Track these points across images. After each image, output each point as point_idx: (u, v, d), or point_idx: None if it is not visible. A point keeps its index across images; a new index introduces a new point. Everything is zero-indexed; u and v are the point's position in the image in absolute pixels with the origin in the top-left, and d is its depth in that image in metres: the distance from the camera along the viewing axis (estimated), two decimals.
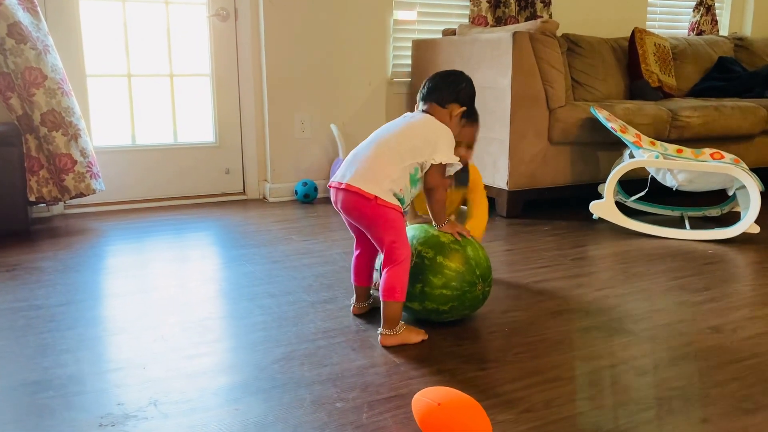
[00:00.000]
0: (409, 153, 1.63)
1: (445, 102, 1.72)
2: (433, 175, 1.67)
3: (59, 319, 1.82)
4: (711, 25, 4.63)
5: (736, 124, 3.39)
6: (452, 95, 1.73)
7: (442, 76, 1.76)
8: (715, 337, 1.72)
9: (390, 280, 1.63)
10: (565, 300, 2.00)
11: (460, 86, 1.74)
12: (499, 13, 3.82)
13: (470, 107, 1.77)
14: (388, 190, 1.61)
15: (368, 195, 1.59)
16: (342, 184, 1.64)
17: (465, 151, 1.87)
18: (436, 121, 1.70)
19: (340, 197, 1.66)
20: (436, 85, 1.75)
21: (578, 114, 3.03)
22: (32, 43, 2.72)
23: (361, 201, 1.61)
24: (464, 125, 1.80)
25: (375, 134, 1.73)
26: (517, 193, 3.06)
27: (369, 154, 1.66)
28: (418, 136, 1.67)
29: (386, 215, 1.61)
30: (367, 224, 1.65)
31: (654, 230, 2.77)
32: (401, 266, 1.62)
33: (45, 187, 2.85)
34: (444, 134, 1.68)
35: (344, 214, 1.69)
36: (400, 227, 1.64)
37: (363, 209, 1.62)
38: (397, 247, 1.62)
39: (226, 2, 3.37)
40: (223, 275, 2.25)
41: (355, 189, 1.61)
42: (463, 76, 1.77)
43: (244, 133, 3.53)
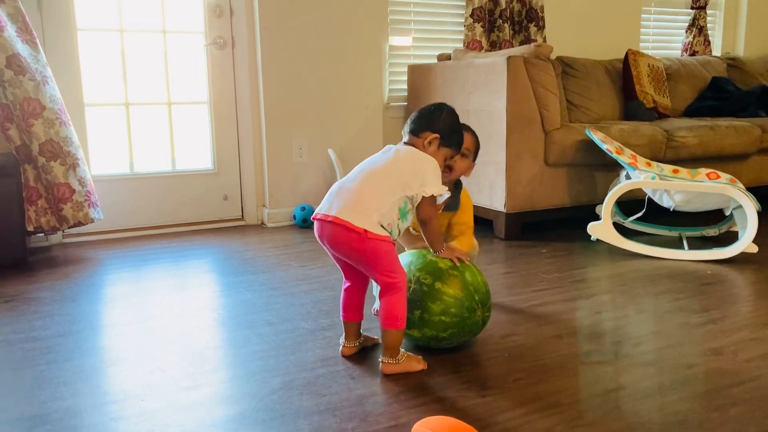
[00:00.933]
0: (398, 187, 1.61)
1: (419, 131, 1.71)
2: (425, 208, 1.66)
3: (57, 351, 1.82)
4: (704, 45, 4.68)
5: (731, 144, 3.41)
6: (426, 124, 1.70)
7: (422, 109, 1.75)
8: (716, 360, 1.71)
9: (389, 308, 1.61)
10: (565, 323, 1.99)
11: (434, 115, 1.72)
12: (493, 38, 3.87)
13: (446, 134, 1.71)
14: (377, 222, 1.58)
15: (357, 229, 1.55)
16: (329, 216, 1.60)
17: (449, 174, 1.88)
18: (420, 153, 1.68)
19: (327, 230, 1.61)
20: (415, 118, 1.74)
21: (574, 136, 3.05)
22: (31, 75, 2.74)
23: (350, 235, 1.57)
24: (451, 155, 1.75)
25: (360, 167, 1.69)
26: (515, 216, 3.06)
27: (356, 187, 1.63)
28: (405, 169, 1.64)
29: (377, 248, 1.58)
30: (358, 258, 1.61)
31: (652, 251, 2.77)
32: (400, 293, 1.61)
33: (43, 216, 2.85)
34: (430, 165, 1.66)
35: (330, 248, 1.65)
36: (392, 257, 1.61)
37: (352, 243, 1.58)
38: (393, 276, 1.60)
39: (223, 31, 3.41)
40: (221, 303, 2.25)
41: (344, 222, 1.57)
42: (442, 106, 1.75)
43: (242, 159, 3.54)
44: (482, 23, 3.77)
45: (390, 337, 1.62)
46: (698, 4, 4.61)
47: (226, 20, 3.41)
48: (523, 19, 3.94)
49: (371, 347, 1.80)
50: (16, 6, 2.75)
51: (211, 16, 3.37)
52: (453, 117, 1.75)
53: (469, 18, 3.77)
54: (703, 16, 4.65)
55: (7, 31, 2.69)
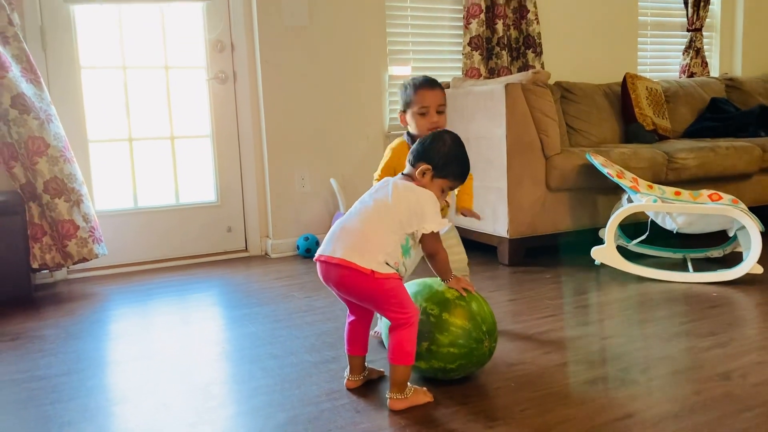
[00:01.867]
0: (398, 225, 1.60)
1: (415, 162, 1.70)
2: (428, 243, 1.65)
3: (61, 390, 1.81)
4: (701, 67, 4.72)
5: (732, 164, 3.41)
6: (421, 155, 1.70)
7: (424, 137, 1.75)
8: (724, 385, 1.69)
9: (400, 343, 1.59)
10: (571, 350, 1.98)
11: (431, 145, 1.70)
12: (491, 65, 3.90)
13: (440, 165, 1.69)
14: (383, 261, 1.57)
15: (365, 270, 1.54)
16: (333, 258, 1.59)
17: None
18: (416, 187, 1.65)
19: (333, 273, 1.59)
20: (413, 149, 1.74)
21: (574, 160, 3.06)
22: (35, 113, 2.77)
23: (357, 277, 1.55)
24: (449, 186, 1.73)
25: (361, 205, 1.67)
26: (518, 241, 3.06)
27: (359, 227, 1.61)
28: (402, 208, 1.61)
29: (385, 287, 1.57)
30: (367, 299, 1.61)
31: (657, 274, 2.76)
32: (411, 328, 1.59)
33: (48, 253, 2.86)
34: (426, 200, 1.63)
35: (337, 290, 1.64)
36: (402, 294, 1.60)
37: (360, 285, 1.57)
38: (405, 312, 1.58)
39: (225, 65, 3.46)
40: (225, 337, 2.24)
41: (350, 264, 1.55)
42: (442, 135, 1.73)
43: (245, 190, 3.56)
44: (480, 51, 3.81)
45: (399, 372, 1.60)
46: (694, 26, 4.66)
47: (228, 55, 3.45)
48: (521, 46, 3.98)
49: (376, 380, 1.79)
50: (21, 47, 2.80)
51: (213, 51, 3.42)
52: (451, 146, 1.70)
53: (467, 46, 3.82)
54: (700, 38, 4.69)
55: (12, 72, 2.73)
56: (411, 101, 1.97)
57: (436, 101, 1.95)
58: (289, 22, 3.42)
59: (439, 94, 1.96)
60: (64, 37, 3.12)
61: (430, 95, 1.95)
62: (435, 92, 1.96)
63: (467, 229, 3.31)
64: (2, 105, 2.73)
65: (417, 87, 1.96)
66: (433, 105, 1.95)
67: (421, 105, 1.94)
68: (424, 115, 1.95)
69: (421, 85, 1.96)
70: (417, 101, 1.95)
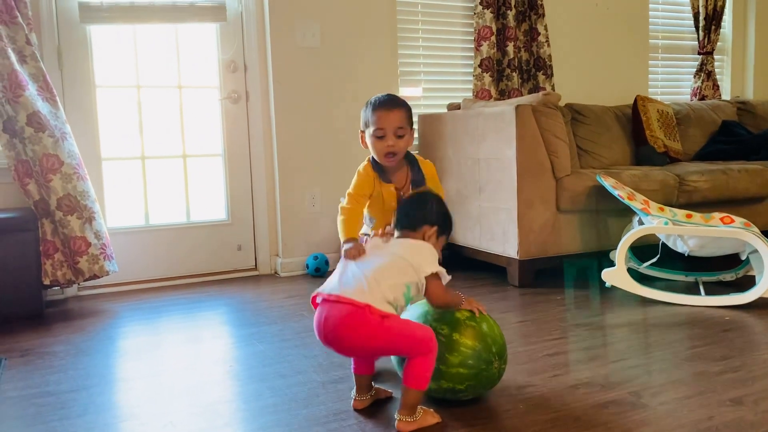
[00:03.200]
0: (397, 272, 1.60)
1: (417, 226, 1.71)
2: (435, 292, 1.65)
3: (70, 406, 1.81)
4: (713, 90, 4.72)
5: (744, 187, 3.39)
6: (421, 218, 1.72)
7: (410, 203, 1.76)
8: (737, 410, 1.67)
9: (418, 369, 1.57)
10: (581, 373, 1.96)
11: (426, 207, 1.73)
12: (502, 86, 3.92)
13: (442, 224, 1.74)
14: (382, 300, 1.55)
15: (360, 304, 1.52)
16: (331, 295, 1.58)
17: None
18: (415, 241, 1.69)
19: (328, 316, 1.56)
20: (406, 213, 1.74)
21: (585, 182, 3.05)
22: (50, 131, 2.81)
23: (354, 316, 1.53)
24: (445, 239, 1.78)
25: (358, 267, 1.65)
26: (529, 262, 3.05)
27: (359, 274, 1.61)
28: (403, 263, 1.63)
29: (384, 325, 1.53)
30: (373, 348, 1.58)
31: (668, 297, 2.73)
32: (431, 355, 1.58)
33: (60, 270, 2.88)
34: (424, 250, 1.67)
35: (337, 346, 1.58)
36: (406, 329, 1.57)
37: (357, 329, 1.53)
38: (419, 343, 1.56)
39: (238, 85, 3.49)
40: (233, 355, 2.24)
41: (347, 300, 1.54)
42: (429, 195, 1.76)
43: (255, 209, 3.58)
44: (491, 73, 3.83)
45: (412, 396, 1.59)
46: (705, 49, 4.67)
47: (240, 75, 3.49)
48: (531, 68, 4.01)
49: (384, 400, 1.78)
50: (38, 66, 2.85)
51: (226, 72, 3.46)
52: (443, 205, 1.78)
53: (478, 68, 3.84)
54: (711, 61, 4.69)
55: (29, 90, 2.78)
56: (368, 122, 1.87)
57: (395, 124, 1.83)
58: (301, 43, 3.46)
59: (398, 117, 1.84)
60: (80, 57, 3.18)
61: (387, 118, 1.82)
62: (394, 114, 1.83)
63: (477, 250, 3.31)
64: (18, 123, 2.77)
65: (375, 107, 1.85)
66: (390, 128, 1.82)
67: (377, 127, 1.83)
68: (381, 138, 1.84)
69: (380, 105, 1.84)
70: (373, 123, 1.84)
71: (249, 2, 3.42)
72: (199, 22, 3.37)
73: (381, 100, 1.87)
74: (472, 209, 3.28)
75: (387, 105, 1.85)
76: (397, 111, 1.84)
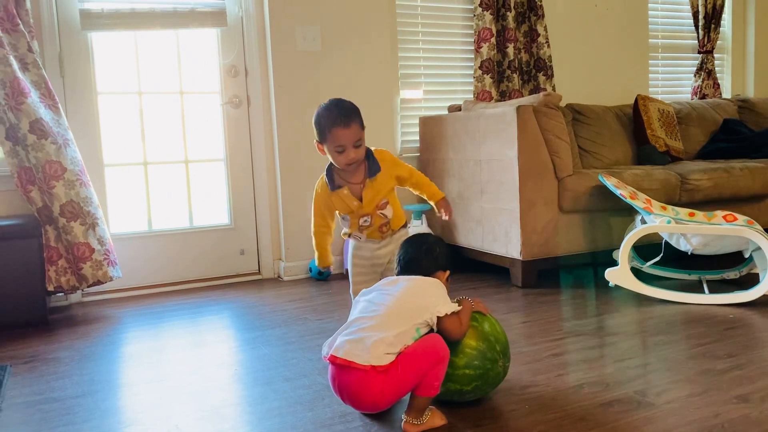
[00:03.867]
0: (408, 316, 1.61)
1: (430, 273, 1.75)
2: (452, 330, 1.64)
3: (75, 412, 1.81)
4: (713, 88, 4.72)
5: (746, 185, 3.39)
6: (433, 265, 1.76)
7: (416, 248, 1.79)
8: (743, 408, 1.67)
9: (430, 378, 1.56)
10: (586, 372, 1.96)
11: (435, 254, 1.77)
12: (503, 88, 3.93)
13: (451, 267, 1.81)
14: (385, 353, 1.54)
15: (364, 367, 1.52)
16: (337, 358, 1.56)
17: None
18: (425, 279, 1.72)
19: (339, 379, 1.58)
20: (414, 259, 1.77)
21: (587, 182, 3.05)
22: (53, 138, 2.82)
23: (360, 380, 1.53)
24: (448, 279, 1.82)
25: (369, 302, 1.67)
26: (532, 263, 3.05)
27: (368, 323, 1.60)
28: (415, 303, 1.64)
29: (390, 373, 1.53)
30: (392, 397, 1.57)
31: (672, 296, 2.73)
32: (443, 363, 1.58)
33: (63, 276, 2.89)
34: (438, 289, 1.70)
35: (351, 404, 1.61)
36: (413, 358, 1.55)
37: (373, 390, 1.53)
38: (429, 359, 1.55)
39: (239, 90, 3.50)
40: (238, 359, 2.24)
41: (351, 363, 1.53)
42: (431, 240, 1.80)
43: (258, 213, 3.59)
44: (491, 74, 3.84)
45: (421, 401, 1.59)
46: (705, 48, 4.67)
47: (241, 80, 3.50)
48: (532, 69, 4.01)
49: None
50: (40, 73, 2.86)
51: (227, 77, 3.47)
52: (443, 245, 1.83)
53: (479, 69, 3.85)
54: (711, 60, 4.70)
55: (31, 98, 2.79)
56: (326, 137, 1.95)
57: (353, 138, 1.92)
58: (302, 47, 3.47)
59: (354, 130, 1.92)
60: (81, 64, 3.19)
61: (346, 134, 1.92)
62: (350, 131, 1.92)
63: (480, 251, 3.31)
64: (21, 130, 2.78)
65: (331, 125, 1.92)
66: (349, 143, 1.93)
67: (336, 144, 1.93)
68: (342, 152, 1.94)
69: (335, 122, 1.92)
70: (332, 140, 1.93)
71: (249, 7, 3.43)
72: (200, 27, 3.38)
73: (336, 118, 1.93)
74: (474, 211, 3.28)
75: (342, 121, 1.93)
76: (353, 125, 1.94)
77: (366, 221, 2.06)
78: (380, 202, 2.05)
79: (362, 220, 2.06)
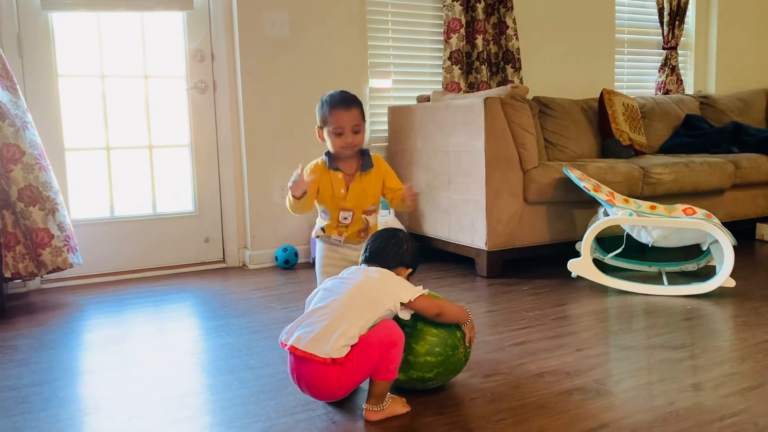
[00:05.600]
0: (371, 309, 1.59)
1: (392, 267, 1.74)
2: (424, 308, 1.65)
3: (32, 401, 1.78)
4: (676, 84, 4.81)
5: (705, 180, 3.47)
6: (398, 260, 1.75)
7: (385, 240, 1.78)
8: (697, 395, 1.72)
9: (385, 362, 1.56)
10: (547, 361, 1.99)
11: (402, 249, 1.76)
12: (471, 79, 3.94)
13: (415, 266, 1.80)
14: (344, 345, 1.53)
15: (324, 360, 1.52)
16: (297, 350, 1.55)
17: None
18: (383, 272, 1.70)
19: (299, 369, 1.59)
20: (380, 250, 1.76)
21: (552, 174, 3.09)
22: (11, 121, 2.74)
23: (318, 371, 1.54)
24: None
25: (330, 297, 1.64)
26: (496, 253, 3.08)
27: (331, 317, 1.58)
28: (377, 293, 1.63)
29: (347, 362, 1.54)
30: (344, 389, 1.58)
31: (632, 287, 2.79)
32: (397, 347, 1.58)
33: (21, 262, 2.82)
34: (394, 278, 1.69)
35: (308, 392, 1.62)
36: (366, 349, 1.54)
37: (325, 382, 1.55)
38: (383, 346, 1.55)
39: (205, 75, 3.45)
40: (201, 348, 2.22)
41: (311, 356, 1.53)
42: (402, 236, 1.79)
43: (223, 201, 3.55)
44: (460, 66, 3.85)
45: (379, 387, 1.59)
46: (669, 44, 4.75)
47: (208, 65, 3.45)
48: (500, 61, 4.03)
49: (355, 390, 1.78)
50: None
51: (193, 61, 3.42)
52: (413, 243, 1.80)
53: (447, 60, 3.85)
54: (675, 56, 4.78)
55: None
56: (327, 120, 1.99)
57: (352, 122, 1.97)
58: (270, 32, 3.43)
59: (354, 115, 1.98)
60: (41, 45, 3.10)
61: (346, 116, 1.96)
62: (351, 113, 1.97)
63: (445, 241, 3.33)
64: None
65: (332, 107, 1.97)
66: (348, 126, 1.97)
67: (336, 125, 1.97)
68: (340, 135, 1.98)
69: (337, 105, 1.97)
70: (333, 121, 1.97)
71: None
72: (166, 10, 3.31)
73: (339, 100, 1.99)
74: (442, 201, 3.30)
75: (344, 104, 1.98)
76: (354, 109, 1.98)
77: (346, 219, 2.04)
78: (368, 207, 2.05)
79: (342, 216, 2.04)
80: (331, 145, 2.02)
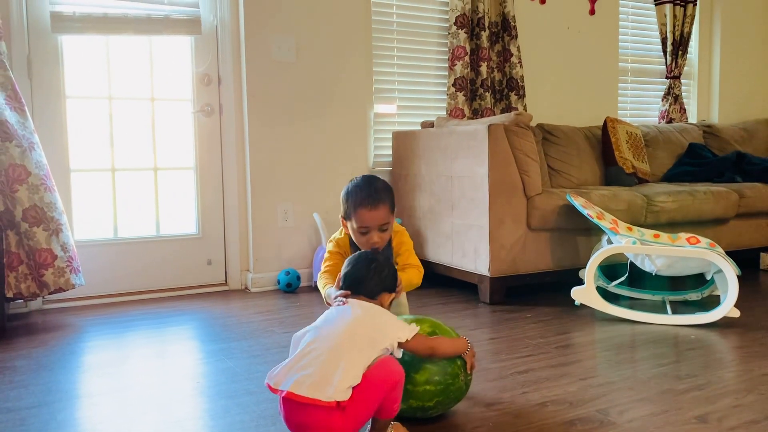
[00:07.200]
0: (368, 349, 1.52)
1: (375, 294, 1.67)
2: (417, 348, 1.61)
3: (30, 423, 1.76)
4: (680, 113, 4.83)
5: (709, 209, 3.47)
6: (379, 286, 1.68)
7: (365, 267, 1.68)
8: (701, 428, 1.69)
9: (387, 402, 1.52)
10: (550, 390, 1.97)
11: (384, 274, 1.69)
12: (475, 106, 3.97)
13: (395, 288, 1.72)
14: (347, 388, 1.44)
15: (329, 404, 1.41)
16: (296, 396, 1.43)
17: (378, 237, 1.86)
18: (371, 308, 1.63)
19: (297, 415, 1.47)
20: (360, 279, 1.67)
21: (555, 201, 3.09)
22: (17, 141, 2.76)
23: (322, 416, 1.44)
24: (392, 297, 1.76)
25: (327, 339, 1.54)
26: (499, 280, 3.07)
27: (325, 355, 1.49)
28: (373, 334, 1.55)
29: (351, 404, 1.45)
30: (359, 426, 1.50)
31: (636, 315, 2.77)
32: (398, 386, 1.53)
33: (23, 282, 2.82)
34: (386, 316, 1.63)
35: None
36: (368, 388, 1.47)
37: (334, 427, 1.44)
38: (386, 385, 1.50)
39: (211, 98, 3.48)
40: (201, 371, 2.21)
41: (314, 401, 1.42)
42: (381, 260, 1.71)
43: (226, 223, 3.55)
44: (464, 92, 3.88)
45: (381, 424, 1.57)
46: (673, 74, 4.78)
47: (214, 88, 3.48)
48: (504, 88, 4.06)
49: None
50: (7, 75, 2.80)
51: (200, 84, 3.45)
52: (391, 265, 1.74)
53: (452, 87, 3.88)
54: (678, 85, 4.81)
55: None
56: (351, 217, 1.86)
57: (378, 222, 1.83)
58: (276, 57, 3.47)
59: (381, 214, 1.83)
60: (50, 67, 3.13)
61: (371, 217, 1.82)
62: (377, 213, 1.82)
63: (448, 267, 3.32)
64: None
65: (357, 205, 1.83)
66: (374, 226, 1.83)
67: (360, 225, 1.84)
68: (365, 234, 1.85)
69: (362, 203, 1.82)
70: (357, 220, 1.84)
71: (224, 15, 3.42)
72: (174, 34, 3.36)
73: (363, 198, 1.83)
74: (445, 226, 3.30)
75: (370, 203, 1.82)
76: (381, 208, 1.84)
77: None
78: None
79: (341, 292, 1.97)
80: (355, 240, 1.89)
